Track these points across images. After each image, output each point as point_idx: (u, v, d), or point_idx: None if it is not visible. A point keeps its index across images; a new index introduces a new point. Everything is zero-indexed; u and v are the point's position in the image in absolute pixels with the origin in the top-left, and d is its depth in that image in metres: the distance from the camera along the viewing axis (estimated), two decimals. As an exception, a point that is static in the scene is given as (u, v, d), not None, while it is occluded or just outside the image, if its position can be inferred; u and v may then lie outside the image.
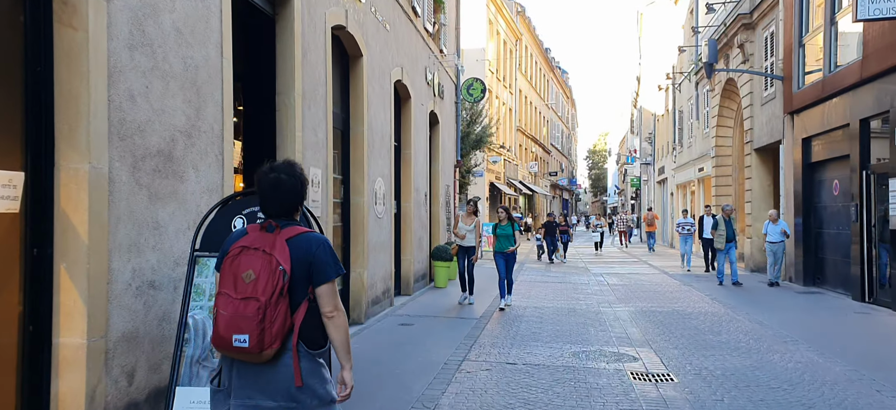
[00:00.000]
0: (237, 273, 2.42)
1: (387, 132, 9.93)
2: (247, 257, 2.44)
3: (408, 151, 11.55)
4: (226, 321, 2.39)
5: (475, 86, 16.99)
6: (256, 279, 2.39)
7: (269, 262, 2.41)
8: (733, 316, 9.70)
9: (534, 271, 17.16)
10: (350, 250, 8.61)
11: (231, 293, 2.42)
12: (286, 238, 2.50)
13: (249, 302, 2.37)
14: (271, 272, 2.40)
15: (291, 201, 2.59)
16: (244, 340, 2.36)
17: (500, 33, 37.52)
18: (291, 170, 2.61)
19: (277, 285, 2.40)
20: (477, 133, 25.09)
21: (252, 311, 2.36)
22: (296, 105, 6.34)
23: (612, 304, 11.07)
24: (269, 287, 2.39)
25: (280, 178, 2.57)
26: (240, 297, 2.39)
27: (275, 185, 2.56)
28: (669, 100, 29.40)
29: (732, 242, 13.38)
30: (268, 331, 2.38)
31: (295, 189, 2.59)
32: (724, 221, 13.43)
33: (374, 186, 9.21)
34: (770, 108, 15.30)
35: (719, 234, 13.45)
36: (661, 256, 23.37)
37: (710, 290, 12.86)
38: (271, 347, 2.40)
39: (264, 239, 2.48)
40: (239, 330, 2.36)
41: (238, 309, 2.37)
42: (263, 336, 2.37)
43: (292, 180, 2.59)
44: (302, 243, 2.52)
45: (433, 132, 14.60)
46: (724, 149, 20.33)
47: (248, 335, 2.36)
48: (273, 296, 2.39)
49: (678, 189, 28.05)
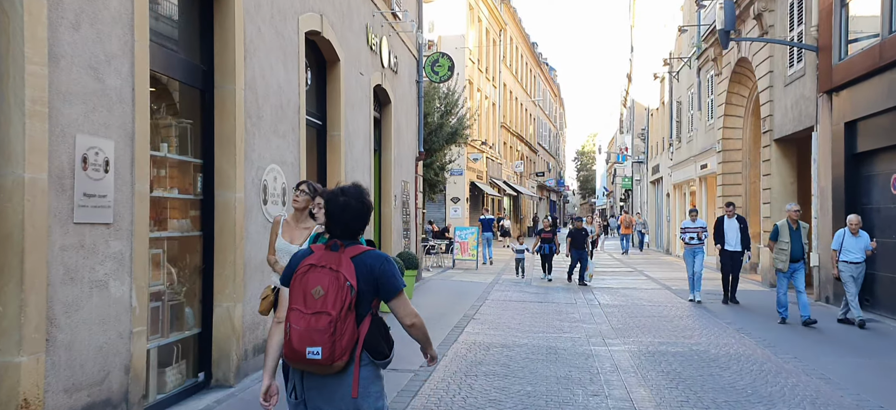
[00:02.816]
0: (306, 290, 2.55)
1: (292, 102, 7.01)
2: (315, 274, 2.56)
3: (335, 132, 8.63)
4: (299, 335, 2.50)
5: (441, 62, 14.08)
6: (325, 295, 2.52)
7: (336, 278, 2.54)
8: (779, 364, 6.87)
9: (510, 285, 14.28)
10: (213, 273, 5.68)
11: (302, 308, 2.53)
12: (351, 256, 2.62)
13: (321, 316, 2.50)
14: (339, 287, 2.53)
15: (357, 225, 2.70)
16: (317, 352, 2.48)
17: (482, 21, 34.68)
18: (360, 196, 2.71)
19: (346, 299, 2.53)
20: (452, 125, 22.23)
21: (324, 324, 2.49)
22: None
23: (607, 339, 8.21)
24: (338, 302, 2.51)
25: (349, 203, 2.68)
26: (310, 312, 2.51)
27: (343, 208, 2.68)
28: (665, 91, 26.67)
29: (801, 260, 9.06)
30: (338, 343, 2.50)
31: (361, 214, 2.70)
32: (788, 228, 9.07)
33: (262, 176, 6.28)
34: (797, 89, 12.53)
35: (781, 249, 9.08)
36: (656, 264, 20.56)
37: (726, 314, 10.02)
38: (342, 358, 2.52)
39: (330, 257, 2.60)
40: (312, 343, 2.48)
41: (310, 323, 2.50)
42: (334, 348, 2.50)
43: (360, 205, 2.69)
44: (366, 260, 2.63)
45: (383, 114, 11.69)
46: (732, 142, 17.59)
47: (321, 347, 2.48)
48: (342, 310, 2.52)
49: (675, 189, 25.31)
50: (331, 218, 2.69)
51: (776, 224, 9.33)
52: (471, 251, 18.35)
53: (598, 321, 9.53)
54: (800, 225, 9.19)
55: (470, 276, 16.02)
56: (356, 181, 2.85)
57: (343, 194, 2.70)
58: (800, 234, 9.11)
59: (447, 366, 6.64)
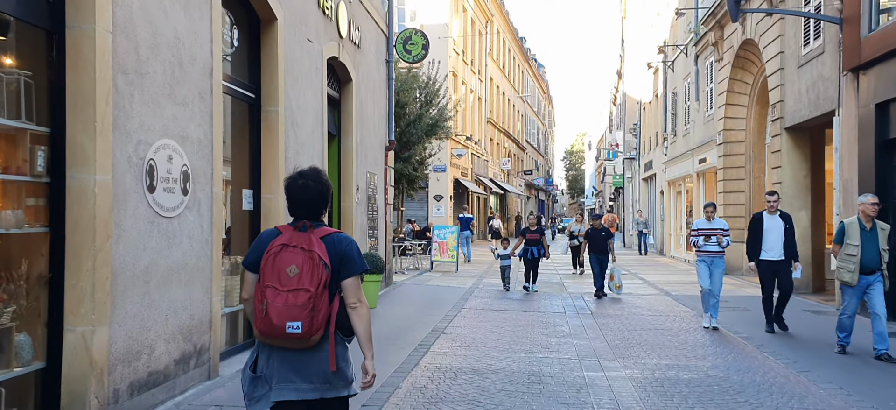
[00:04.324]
0: (281, 268, 2.62)
1: (199, 60, 5.42)
2: (288, 253, 2.64)
3: (272, 108, 7.04)
4: (277, 311, 2.57)
5: (414, 39, 12.52)
6: (300, 273, 2.60)
7: (310, 257, 2.63)
8: (825, 399, 5.38)
9: (491, 291, 12.75)
10: (63, 285, 4.09)
11: (277, 285, 2.60)
12: (320, 236, 2.71)
13: (299, 293, 2.58)
14: (314, 265, 2.62)
15: (317, 206, 2.78)
16: (297, 327, 2.57)
17: (468, 11, 33.16)
18: (317, 176, 2.80)
19: (321, 277, 2.62)
20: (432, 116, 20.67)
21: (303, 300, 2.58)
22: None
23: (604, 360, 6.69)
24: (314, 279, 2.60)
25: (307, 184, 2.76)
26: (287, 289, 2.58)
27: (303, 190, 2.76)
28: (660, 82, 25.27)
29: (877, 272, 6.60)
30: (315, 319, 2.60)
31: (321, 194, 2.78)
32: (860, 228, 6.69)
33: (146, 153, 4.70)
34: (814, 68, 11.11)
35: (848, 255, 6.69)
36: (651, 265, 19.13)
37: (737, 324, 8.53)
38: (318, 333, 2.63)
39: (300, 238, 2.68)
40: (292, 318, 2.57)
41: (288, 300, 2.57)
42: (313, 323, 2.59)
43: (319, 185, 2.78)
44: (334, 241, 2.74)
45: (344, 94, 10.12)
46: (735, 133, 16.19)
47: (301, 322, 2.57)
48: (319, 287, 2.61)
49: (669, 186, 23.92)
50: (292, 201, 2.78)
51: (842, 222, 7.05)
52: (450, 252, 16.80)
53: (592, 336, 8.03)
54: (876, 225, 6.73)
55: (448, 280, 14.48)
56: (314, 165, 2.87)
57: (301, 177, 2.79)
58: (875, 236, 6.67)
59: (397, 404, 5.09)
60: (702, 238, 8.49)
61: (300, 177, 2.78)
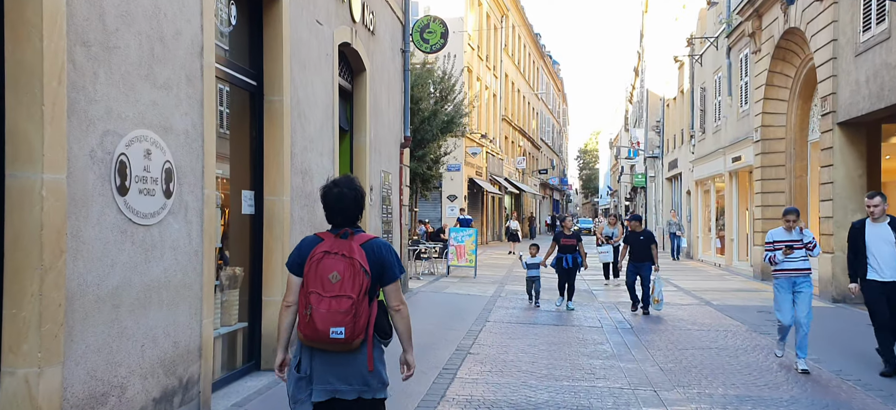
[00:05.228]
0: (323, 275, 2.71)
1: (185, 35, 4.51)
2: (330, 260, 2.73)
3: (276, 97, 6.12)
4: (322, 317, 2.67)
5: (432, 27, 11.56)
6: (342, 280, 2.70)
7: (351, 264, 2.72)
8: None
9: (515, 300, 11.77)
10: (0, 315, 3.19)
11: (321, 291, 2.70)
12: (360, 243, 2.80)
13: (342, 299, 2.68)
14: (355, 272, 2.71)
15: (353, 211, 2.87)
16: (340, 332, 2.67)
17: (483, 4, 32.17)
18: (351, 184, 2.90)
19: (362, 284, 2.72)
20: (448, 112, 19.74)
21: (346, 307, 2.67)
22: None
23: (661, 391, 5.71)
24: (356, 286, 2.70)
25: (343, 192, 2.86)
26: (330, 295, 2.68)
27: (339, 198, 2.86)
28: (685, 77, 24.17)
29: None
30: (357, 324, 2.70)
31: (356, 201, 2.88)
32: None
33: (115, 146, 3.79)
34: (876, 57, 10.04)
35: None
36: (681, 270, 18.06)
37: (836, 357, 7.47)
38: (359, 337, 2.73)
39: (341, 244, 2.78)
40: (336, 324, 2.67)
41: (332, 306, 2.67)
42: (355, 328, 2.69)
43: (353, 192, 2.88)
44: (373, 248, 2.84)
45: (356, 85, 9.20)
46: (773, 130, 15.10)
47: (344, 327, 2.67)
48: (360, 294, 2.70)
49: (697, 186, 22.81)
50: (329, 209, 2.88)
51: None
52: (468, 256, 15.86)
53: (639, 358, 7.04)
54: None
55: (467, 287, 13.53)
56: (347, 173, 3.22)
57: (336, 186, 2.88)
58: None
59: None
60: (780, 252, 6.36)
61: (335, 186, 2.88)
